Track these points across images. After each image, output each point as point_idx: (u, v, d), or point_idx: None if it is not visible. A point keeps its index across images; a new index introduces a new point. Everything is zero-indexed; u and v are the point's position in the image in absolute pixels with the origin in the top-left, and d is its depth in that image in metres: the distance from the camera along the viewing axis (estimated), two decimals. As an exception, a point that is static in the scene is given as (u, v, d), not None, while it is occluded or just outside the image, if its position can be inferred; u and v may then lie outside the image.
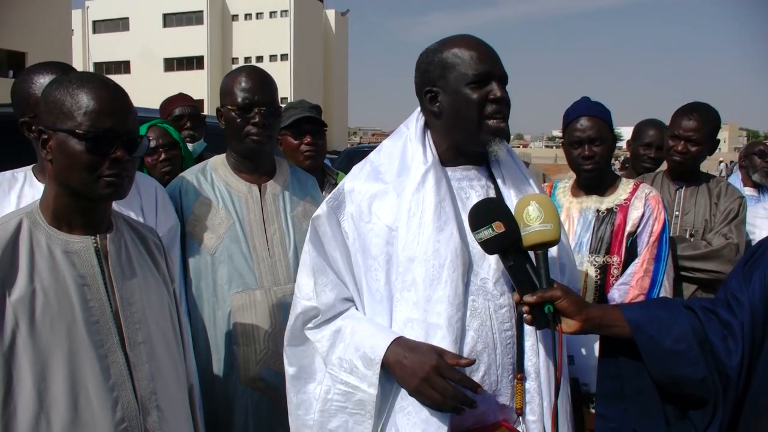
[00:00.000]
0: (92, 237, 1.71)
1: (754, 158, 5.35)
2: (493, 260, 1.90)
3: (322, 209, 2.03)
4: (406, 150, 2.00)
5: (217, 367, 2.53)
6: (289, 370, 2.07)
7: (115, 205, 2.29)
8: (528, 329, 1.89)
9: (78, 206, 1.69)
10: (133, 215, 2.35)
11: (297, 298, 2.05)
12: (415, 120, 2.04)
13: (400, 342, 1.84)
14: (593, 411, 2.22)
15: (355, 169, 2.07)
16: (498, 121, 1.91)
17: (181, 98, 4.27)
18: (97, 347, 1.65)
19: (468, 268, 1.88)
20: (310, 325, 2.02)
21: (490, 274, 1.91)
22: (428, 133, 2.02)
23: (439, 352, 1.78)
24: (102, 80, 1.69)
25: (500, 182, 2.03)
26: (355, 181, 2.01)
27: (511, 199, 1.98)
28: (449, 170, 1.99)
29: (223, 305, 2.52)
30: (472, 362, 1.79)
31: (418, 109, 2.06)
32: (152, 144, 3.42)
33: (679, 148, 3.25)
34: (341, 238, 1.99)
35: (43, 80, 2.09)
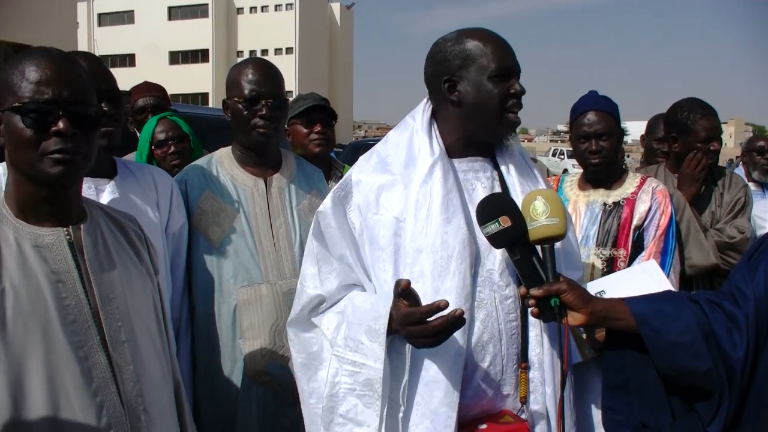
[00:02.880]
0: (64, 229, 1.55)
1: (753, 155, 5.25)
2: (498, 252, 1.91)
3: (327, 202, 2.03)
4: (412, 141, 2.01)
5: (222, 361, 2.53)
6: (298, 358, 2.06)
7: (130, 202, 2.24)
8: (532, 320, 1.91)
9: (41, 194, 1.53)
10: (149, 211, 2.34)
11: (302, 287, 2.05)
12: (422, 111, 2.05)
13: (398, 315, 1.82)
14: None
15: (362, 159, 2.08)
16: (515, 115, 1.96)
17: (144, 88, 3.99)
18: (76, 349, 1.49)
19: (475, 259, 1.89)
20: (316, 312, 2.02)
21: (496, 265, 1.92)
22: (434, 125, 2.03)
23: (401, 309, 1.77)
24: (48, 50, 1.54)
25: (505, 174, 2.04)
26: (362, 173, 2.02)
27: (516, 190, 2.00)
28: (455, 162, 2.00)
29: (229, 299, 2.51)
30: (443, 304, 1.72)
31: (425, 100, 2.07)
32: (161, 137, 3.41)
33: (716, 146, 3.24)
34: (348, 229, 1.99)
35: None
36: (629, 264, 2.73)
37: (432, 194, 1.90)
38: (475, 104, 1.95)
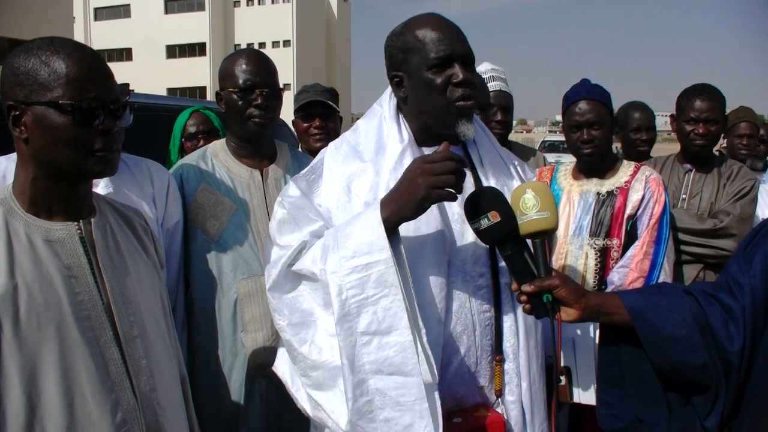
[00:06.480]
0: (75, 223, 1.54)
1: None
2: (470, 240, 1.88)
3: (294, 187, 1.98)
4: (381, 128, 1.99)
5: (222, 355, 2.52)
6: (293, 319, 1.87)
7: (124, 197, 2.23)
8: (506, 310, 1.89)
9: (59, 189, 1.51)
10: (144, 206, 2.32)
11: (285, 249, 1.91)
12: (388, 98, 2.03)
13: (384, 197, 1.77)
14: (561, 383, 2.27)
15: (332, 147, 2.05)
16: (464, 102, 1.87)
17: None
18: (90, 344, 1.48)
19: (449, 247, 1.87)
20: (296, 260, 1.89)
21: (468, 255, 1.89)
22: (401, 112, 2.01)
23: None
24: (77, 44, 1.51)
25: (476, 162, 2.01)
26: (332, 163, 1.99)
27: (487, 178, 1.98)
28: (425, 150, 1.96)
29: (229, 293, 2.50)
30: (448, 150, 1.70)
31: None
32: (192, 130, 3.53)
33: (700, 131, 3.21)
34: (315, 209, 1.94)
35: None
36: (622, 254, 2.74)
37: None
38: (419, 99, 1.91)
